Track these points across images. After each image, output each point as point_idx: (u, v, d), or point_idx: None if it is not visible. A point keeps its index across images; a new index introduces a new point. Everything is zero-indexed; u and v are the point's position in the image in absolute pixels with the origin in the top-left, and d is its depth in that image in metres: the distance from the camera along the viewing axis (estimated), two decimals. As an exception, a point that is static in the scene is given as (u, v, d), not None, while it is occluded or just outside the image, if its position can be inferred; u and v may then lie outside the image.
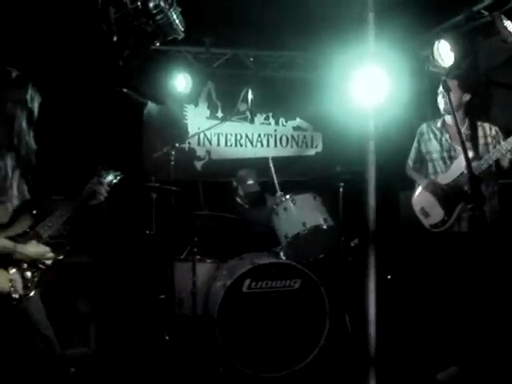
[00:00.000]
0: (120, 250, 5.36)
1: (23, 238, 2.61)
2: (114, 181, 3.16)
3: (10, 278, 2.51)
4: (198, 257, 4.52)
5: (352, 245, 4.84)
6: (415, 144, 4.37)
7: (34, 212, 2.74)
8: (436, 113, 4.30)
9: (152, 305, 4.84)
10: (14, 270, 2.55)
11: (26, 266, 2.59)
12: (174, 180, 4.58)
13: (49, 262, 2.69)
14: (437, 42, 4.34)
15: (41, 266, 2.65)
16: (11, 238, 2.55)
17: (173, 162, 4.60)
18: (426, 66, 4.47)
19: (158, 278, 4.86)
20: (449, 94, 3.31)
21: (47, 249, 2.67)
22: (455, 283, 3.92)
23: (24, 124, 2.62)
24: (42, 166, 2.80)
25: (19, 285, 2.54)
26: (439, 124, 4.20)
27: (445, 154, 4.11)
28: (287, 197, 4.43)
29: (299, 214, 4.33)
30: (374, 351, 1.78)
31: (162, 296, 4.72)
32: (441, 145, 4.14)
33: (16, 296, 2.52)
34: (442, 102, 4.10)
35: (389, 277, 5.35)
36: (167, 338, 4.45)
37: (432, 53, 4.33)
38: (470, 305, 3.84)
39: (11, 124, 2.57)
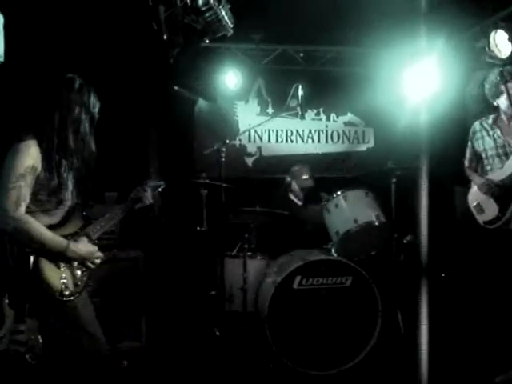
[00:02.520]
0: (171, 246, 5.44)
1: (74, 237, 2.66)
2: (157, 190, 3.30)
3: (61, 276, 2.56)
4: (249, 253, 4.53)
5: (405, 242, 4.75)
6: (469, 143, 4.30)
7: (85, 214, 2.81)
8: (491, 107, 4.18)
9: (203, 301, 4.89)
10: (65, 268, 2.59)
11: (76, 264, 2.64)
12: (225, 176, 4.60)
13: (98, 262, 2.73)
14: (493, 32, 4.22)
15: (90, 265, 2.69)
16: (64, 237, 2.59)
17: (223, 159, 4.62)
18: (481, 58, 4.35)
19: (208, 274, 4.90)
20: (506, 86, 3.21)
21: (96, 248, 2.72)
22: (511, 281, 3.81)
23: (88, 128, 2.71)
24: (97, 163, 2.87)
25: (70, 282, 2.59)
26: (491, 120, 4.11)
27: (500, 151, 4.01)
28: (338, 193, 4.38)
29: (351, 210, 4.28)
30: (427, 352, 1.74)
31: (213, 292, 4.76)
32: (494, 141, 4.04)
33: (67, 293, 2.56)
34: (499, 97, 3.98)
35: (443, 275, 5.23)
36: (218, 333, 4.47)
37: (488, 43, 4.20)
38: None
39: (78, 128, 2.66)
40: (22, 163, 2.44)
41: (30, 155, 2.47)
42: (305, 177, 5.09)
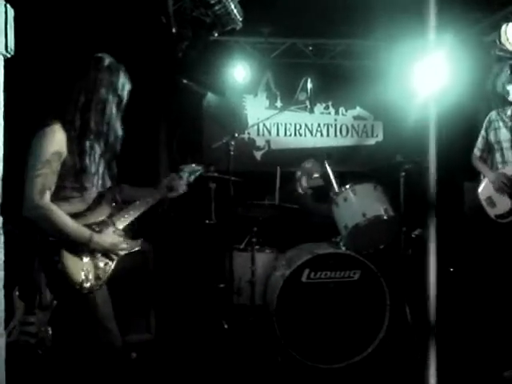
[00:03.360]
0: (180, 240, 5.45)
1: (99, 226, 2.55)
2: (193, 177, 3.20)
3: (83, 267, 2.46)
4: (257, 246, 4.53)
5: (413, 236, 4.74)
6: (483, 133, 4.24)
7: (113, 201, 2.69)
8: (502, 100, 4.16)
9: (211, 294, 4.90)
10: (87, 259, 2.49)
11: (99, 255, 2.53)
12: (234, 170, 4.60)
13: (122, 254, 2.61)
14: (504, 26, 4.19)
15: (114, 256, 2.58)
16: (88, 226, 2.49)
17: (232, 152, 4.62)
18: (492, 51, 4.32)
19: (217, 267, 4.91)
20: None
21: (121, 239, 2.61)
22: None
23: (114, 110, 2.61)
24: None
25: (91, 274, 2.49)
26: (509, 112, 4.06)
27: None
28: (347, 187, 4.37)
29: (359, 204, 4.27)
30: (435, 346, 1.74)
31: (221, 285, 4.77)
32: (511, 133, 3.99)
33: (87, 285, 2.46)
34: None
35: (451, 269, 5.22)
36: (226, 326, 4.49)
37: (499, 37, 4.18)
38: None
39: (103, 110, 2.55)
40: (46, 149, 2.35)
41: (55, 140, 2.38)
42: (316, 175, 5.06)
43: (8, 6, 1.56)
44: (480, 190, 4.21)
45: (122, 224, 2.68)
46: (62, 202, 2.44)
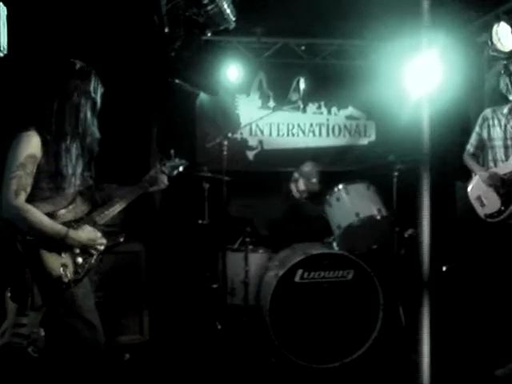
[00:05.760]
0: (173, 240, 5.44)
1: (77, 223, 2.66)
2: (176, 171, 3.27)
3: (62, 263, 2.57)
4: (251, 247, 4.53)
5: (406, 236, 4.75)
6: (477, 129, 4.23)
7: (92, 198, 2.82)
8: (495, 99, 4.17)
9: (204, 294, 4.89)
10: (66, 255, 2.60)
11: (78, 251, 2.64)
12: (227, 170, 4.60)
13: (100, 248, 2.72)
14: (496, 26, 4.20)
15: (92, 251, 2.68)
16: (66, 224, 2.60)
17: (225, 152, 4.61)
18: (484, 51, 4.33)
19: (210, 267, 4.91)
20: (511, 79, 3.20)
21: (99, 235, 2.71)
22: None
23: (89, 113, 2.70)
24: (98, 157, 2.86)
25: (70, 270, 2.59)
26: (505, 110, 4.05)
27: (508, 142, 3.98)
28: (340, 187, 4.37)
29: (352, 204, 4.27)
30: (428, 345, 1.74)
31: (215, 285, 4.77)
32: (505, 132, 4.00)
33: (65, 280, 2.56)
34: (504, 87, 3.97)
35: (444, 268, 5.23)
36: (219, 327, 4.49)
37: (491, 37, 4.18)
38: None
39: (77, 113, 2.65)
40: (21, 153, 2.48)
41: (30, 144, 2.51)
42: (313, 180, 5.02)
43: (1, 4, 1.55)
44: (469, 189, 4.21)
45: (102, 220, 2.80)
46: (40, 201, 2.56)
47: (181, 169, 3.31)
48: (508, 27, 4.12)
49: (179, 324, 4.79)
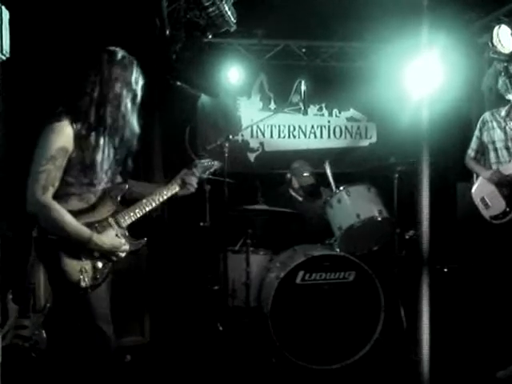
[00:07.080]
0: (174, 242, 5.44)
1: (102, 225, 2.52)
2: (208, 172, 3.03)
3: (81, 267, 2.43)
4: (252, 248, 4.52)
5: (407, 237, 4.75)
6: (477, 133, 4.25)
7: (119, 198, 2.62)
8: (495, 101, 4.18)
9: (206, 296, 4.89)
10: (86, 259, 2.46)
11: (98, 255, 2.48)
12: (228, 172, 4.60)
13: (122, 255, 2.55)
14: (497, 28, 4.20)
15: (113, 258, 2.53)
16: (90, 225, 2.46)
17: (226, 154, 4.61)
18: (484, 53, 4.34)
19: (211, 269, 4.90)
20: (511, 80, 3.20)
21: (123, 241, 2.54)
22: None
23: (129, 105, 2.55)
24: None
25: (89, 275, 2.45)
26: (503, 113, 4.07)
27: (509, 144, 3.99)
28: (341, 188, 4.37)
29: (353, 205, 4.27)
30: (429, 347, 1.74)
31: (216, 287, 4.76)
32: (505, 133, 4.01)
33: (83, 285, 2.43)
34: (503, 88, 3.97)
35: (445, 270, 5.23)
36: (221, 328, 4.49)
37: (491, 39, 4.19)
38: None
39: (118, 105, 2.50)
40: (52, 145, 2.33)
41: (62, 136, 2.35)
42: (305, 174, 5.10)
43: (3, 8, 1.55)
44: (473, 191, 4.21)
45: (125, 223, 2.62)
46: (66, 198, 2.42)
47: (212, 170, 3.06)
48: (509, 29, 4.13)
49: (180, 326, 4.79)
